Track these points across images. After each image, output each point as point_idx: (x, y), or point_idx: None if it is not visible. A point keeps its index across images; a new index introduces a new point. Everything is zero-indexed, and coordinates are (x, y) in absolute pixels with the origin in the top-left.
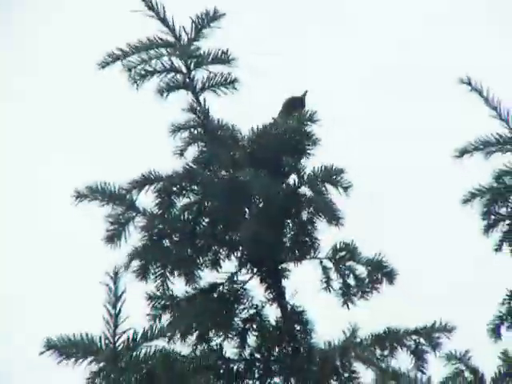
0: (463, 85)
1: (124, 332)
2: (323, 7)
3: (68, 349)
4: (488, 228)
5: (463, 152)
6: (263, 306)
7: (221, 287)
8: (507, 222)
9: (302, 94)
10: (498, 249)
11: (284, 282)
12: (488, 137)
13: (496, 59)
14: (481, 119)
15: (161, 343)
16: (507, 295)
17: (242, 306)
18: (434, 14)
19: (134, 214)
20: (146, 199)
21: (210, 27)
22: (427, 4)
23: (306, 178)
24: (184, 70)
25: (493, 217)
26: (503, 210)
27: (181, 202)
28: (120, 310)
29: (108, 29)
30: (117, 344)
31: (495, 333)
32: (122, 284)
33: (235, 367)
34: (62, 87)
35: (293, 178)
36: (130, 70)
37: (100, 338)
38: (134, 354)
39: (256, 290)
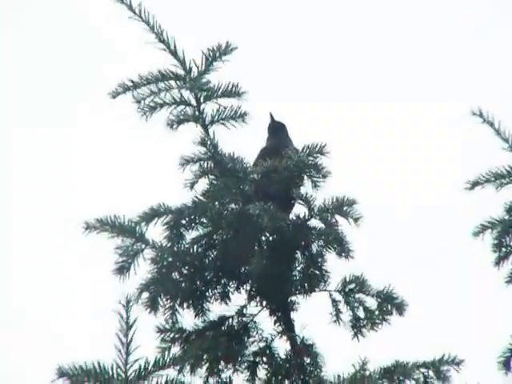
0: (474, 116)
1: (136, 361)
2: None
3: (79, 377)
4: (499, 260)
5: (474, 184)
6: (273, 339)
7: (230, 320)
8: None
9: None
10: (510, 281)
11: (293, 315)
12: (499, 169)
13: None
14: (492, 151)
15: (172, 373)
16: None
17: (251, 339)
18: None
19: (144, 247)
20: (156, 232)
21: (221, 60)
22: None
23: (316, 210)
24: (194, 102)
25: (504, 249)
26: None
27: (190, 234)
28: (132, 338)
29: (120, 59)
30: (128, 373)
31: (506, 366)
32: (134, 313)
33: None
34: (75, 115)
35: (303, 211)
36: (139, 101)
37: (112, 366)
38: (146, 382)
39: (265, 322)
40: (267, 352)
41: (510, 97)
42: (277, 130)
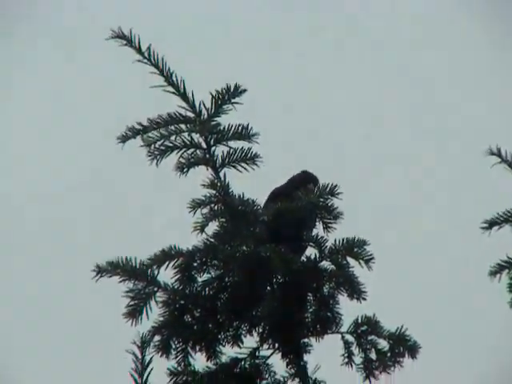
0: (492, 156)
1: None
2: None
3: None
4: None
5: (492, 224)
6: (285, 382)
7: (242, 362)
8: None
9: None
10: None
11: (306, 357)
12: None
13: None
14: (510, 189)
15: None
16: None
17: (264, 382)
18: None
19: (155, 290)
20: (167, 274)
21: (230, 103)
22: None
23: (326, 251)
24: (204, 145)
25: None
26: None
27: (202, 277)
28: (147, 379)
29: (129, 103)
30: None
31: None
32: (149, 353)
33: None
34: (88, 159)
35: (314, 252)
36: (149, 145)
37: None
38: None
39: (278, 365)
40: None
41: None
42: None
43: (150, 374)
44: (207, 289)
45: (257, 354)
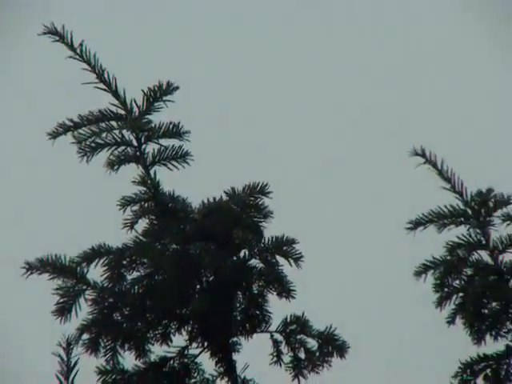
0: (417, 156)
1: None
2: None
3: None
4: (441, 300)
5: (416, 224)
6: (214, 380)
7: (171, 361)
8: (460, 294)
9: None
10: (451, 321)
11: (235, 356)
12: (441, 209)
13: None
14: (434, 190)
15: None
16: (460, 368)
17: (192, 380)
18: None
19: (85, 288)
20: (97, 272)
21: (162, 100)
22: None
23: (256, 249)
24: (135, 143)
25: (446, 289)
26: (456, 283)
27: (131, 275)
28: (73, 381)
29: (59, 99)
30: None
31: None
32: (75, 354)
33: None
34: (13, 157)
35: (243, 250)
36: (80, 142)
37: None
38: None
39: (207, 363)
40: None
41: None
42: None
43: (75, 375)
44: (136, 287)
45: (186, 352)
